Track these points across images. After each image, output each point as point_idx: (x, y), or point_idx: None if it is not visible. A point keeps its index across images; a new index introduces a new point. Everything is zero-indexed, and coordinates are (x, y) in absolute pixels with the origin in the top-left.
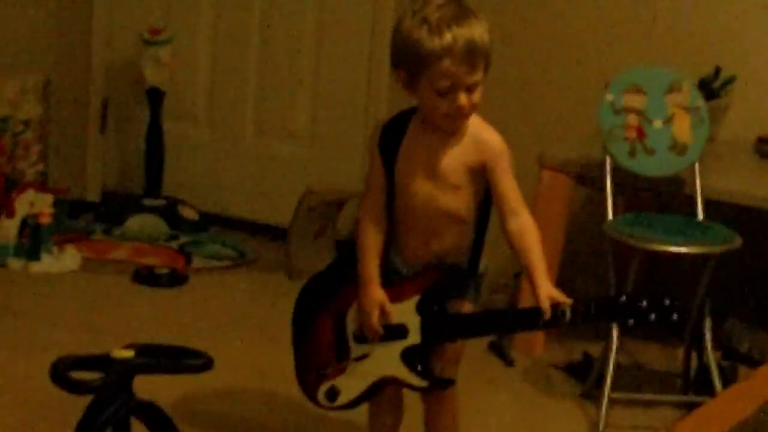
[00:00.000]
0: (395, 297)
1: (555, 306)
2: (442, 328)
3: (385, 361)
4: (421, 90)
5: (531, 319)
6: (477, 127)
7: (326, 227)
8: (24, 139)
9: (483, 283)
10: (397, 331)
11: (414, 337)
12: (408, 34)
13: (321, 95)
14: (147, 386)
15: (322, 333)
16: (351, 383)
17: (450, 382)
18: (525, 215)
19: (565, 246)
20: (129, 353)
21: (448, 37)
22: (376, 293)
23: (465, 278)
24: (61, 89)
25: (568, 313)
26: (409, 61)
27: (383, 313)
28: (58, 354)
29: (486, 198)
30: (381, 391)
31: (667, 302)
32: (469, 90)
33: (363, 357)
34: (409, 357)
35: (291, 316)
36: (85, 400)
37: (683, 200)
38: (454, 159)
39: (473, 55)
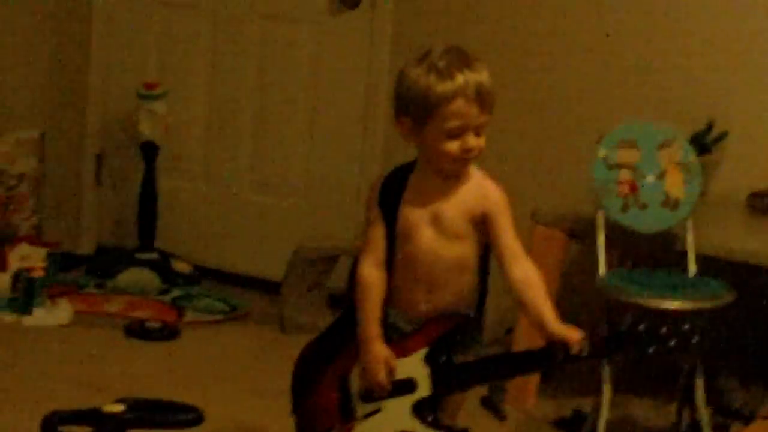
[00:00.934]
0: (400, 352)
1: (566, 344)
2: (453, 378)
3: (396, 416)
4: (429, 135)
5: (546, 357)
6: (478, 177)
7: (320, 281)
8: (18, 193)
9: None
10: (406, 386)
11: (424, 390)
12: (416, 81)
13: (315, 150)
14: None
15: (326, 395)
16: None
17: (464, 431)
18: (529, 263)
19: (559, 301)
20: (119, 408)
21: (459, 79)
22: (381, 350)
23: (471, 327)
24: (56, 143)
25: (587, 347)
26: (418, 107)
27: (389, 368)
28: (50, 408)
29: (486, 247)
30: None
31: (687, 326)
32: (477, 133)
33: (371, 414)
34: (419, 410)
35: (291, 382)
36: None
37: (676, 255)
38: (457, 209)
39: (483, 96)
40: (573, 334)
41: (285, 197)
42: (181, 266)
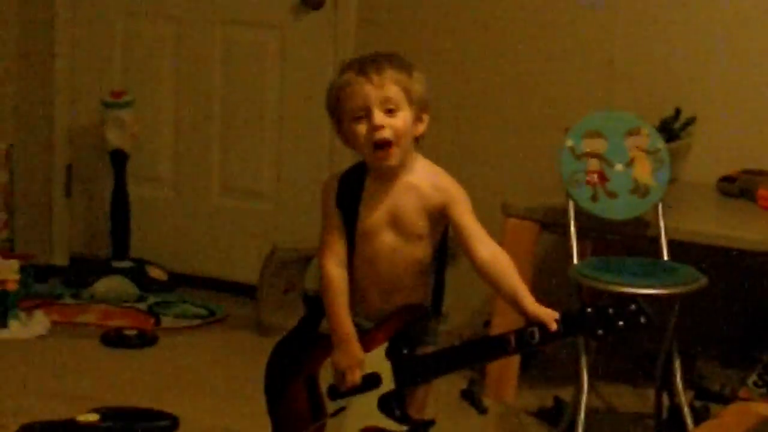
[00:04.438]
0: (363, 348)
1: (523, 329)
2: (415, 370)
3: (363, 412)
4: (345, 130)
5: (500, 345)
6: (432, 171)
7: (294, 283)
8: None
9: (445, 328)
10: (371, 381)
11: (388, 384)
12: (330, 85)
13: (285, 153)
14: None
15: (296, 397)
16: None
17: (430, 423)
18: (494, 243)
19: (533, 293)
20: (94, 417)
21: (354, 66)
22: (358, 350)
23: (429, 319)
24: (25, 155)
25: (537, 334)
26: (330, 103)
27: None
28: (28, 420)
29: (442, 240)
30: None
31: (633, 307)
32: (387, 111)
33: (339, 411)
34: (385, 404)
35: (264, 386)
36: None
37: (649, 242)
38: (414, 205)
39: (380, 76)
40: (549, 314)
41: (256, 201)
42: (157, 273)
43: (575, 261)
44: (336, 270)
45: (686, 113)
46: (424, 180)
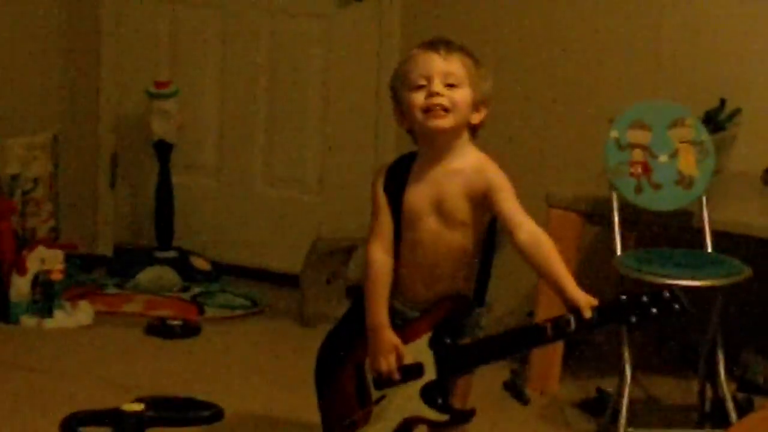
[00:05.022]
0: (406, 338)
1: (559, 318)
2: (456, 360)
3: (406, 401)
4: (404, 103)
5: (537, 334)
6: (478, 158)
7: (337, 273)
8: (34, 197)
9: (490, 319)
10: (414, 371)
11: (430, 374)
12: (398, 64)
13: (329, 142)
14: None
15: (344, 385)
16: (377, 429)
17: (471, 414)
18: (534, 225)
19: (576, 284)
20: (139, 407)
21: (426, 43)
22: (390, 337)
23: (473, 309)
24: (70, 145)
25: (573, 322)
26: (395, 79)
27: (398, 355)
28: (73, 410)
29: (490, 231)
30: None
31: (667, 295)
32: (448, 84)
33: (382, 399)
34: (428, 394)
35: (314, 375)
36: None
37: (693, 234)
38: (458, 190)
39: (449, 52)
40: (587, 300)
41: (300, 191)
42: (200, 263)
43: (618, 252)
44: (380, 256)
45: (731, 104)
46: (468, 165)
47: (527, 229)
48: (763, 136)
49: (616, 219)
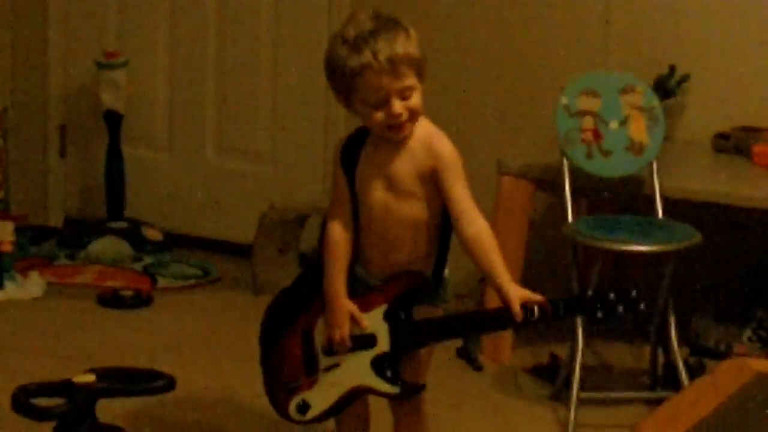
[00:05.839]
0: (362, 307)
1: (523, 305)
2: (411, 335)
3: (356, 371)
4: (357, 107)
5: (500, 319)
6: (427, 133)
7: (290, 243)
8: None
9: (448, 290)
10: (366, 341)
11: (383, 345)
12: (332, 56)
13: (280, 113)
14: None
15: (290, 349)
16: (322, 396)
17: (421, 388)
18: (480, 219)
19: (528, 252)
20: (90, 378)
21: (366, 53)
22: (346, 304)
23: (430, 285)
24: (19, 117)
25: (537, 312)
26: (339, 82)
27: (354, 322)
28: (25, 382)
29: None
30: (351, 404)
31: (634, 293)
32: (404, 97)
33: (332, 368)
34: (379, 365)
35: (258, 334)
36: (50, 426)
37: (644, 200)
38: (406, 166)
39: (396, 65)
40: (528, 299)
41: (251, 161)
42: (152, 233)
43: (570, 219)
44: (338, 228)
45: (681, 71)
46: (418, 140)
47: (472, 225)
48: (712, 102)
49: (567, 186)
